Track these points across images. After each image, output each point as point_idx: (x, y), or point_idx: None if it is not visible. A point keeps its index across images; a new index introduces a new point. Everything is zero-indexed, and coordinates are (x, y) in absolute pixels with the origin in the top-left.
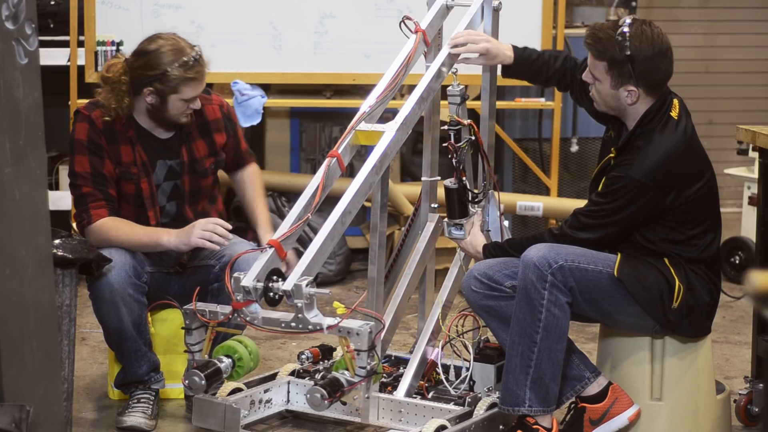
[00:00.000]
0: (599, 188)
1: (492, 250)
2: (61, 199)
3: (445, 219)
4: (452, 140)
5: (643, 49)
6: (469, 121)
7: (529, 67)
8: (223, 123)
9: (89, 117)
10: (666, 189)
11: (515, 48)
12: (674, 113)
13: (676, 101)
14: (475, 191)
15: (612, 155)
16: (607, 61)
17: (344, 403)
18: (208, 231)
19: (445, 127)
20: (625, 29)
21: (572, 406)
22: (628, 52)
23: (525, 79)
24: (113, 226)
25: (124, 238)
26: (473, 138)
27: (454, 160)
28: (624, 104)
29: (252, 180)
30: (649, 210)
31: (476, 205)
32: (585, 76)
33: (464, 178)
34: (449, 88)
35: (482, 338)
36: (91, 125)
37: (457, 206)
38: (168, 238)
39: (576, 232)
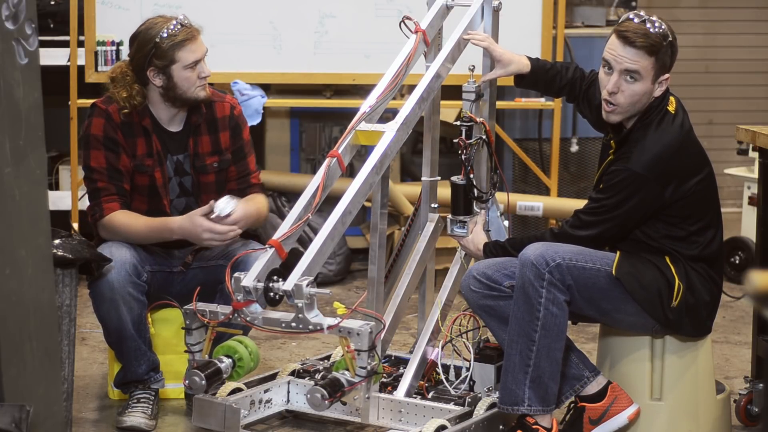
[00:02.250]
0: (600, 187)
1: (493, 249)
2: (61, 199)
3: (449, 216)
4: (463, 136)
5: (673, 33)
6: (481, 119)
7: (544, 76)
8: (228, 122)
9: (106, 111)
10: (664, 182)
11: (529, 58)
12: (671, 108)
13: (672, 98)
14: (482, 190)
15: (612, 150)
16: (656, 55)
17: (344, 403)
18: (215, 240)
19: (458, 123)
20: (648, 20)
21: (572, 405)
22: (671, 39)
23: (539, 88)
24: (124, 220)
25: (135, 230)
26: (484, 137)
27: (463, 157)
28: (650, 99)
29: (250, 199)
30: (649, 204)
31: (481, 204)
32: (612, 86)
33: (472, 176)
34: (465, 84)
35: (482, 338)
36: (108, 120)
37: (462, 203)
38: (173, 225)
39: (576, 230)
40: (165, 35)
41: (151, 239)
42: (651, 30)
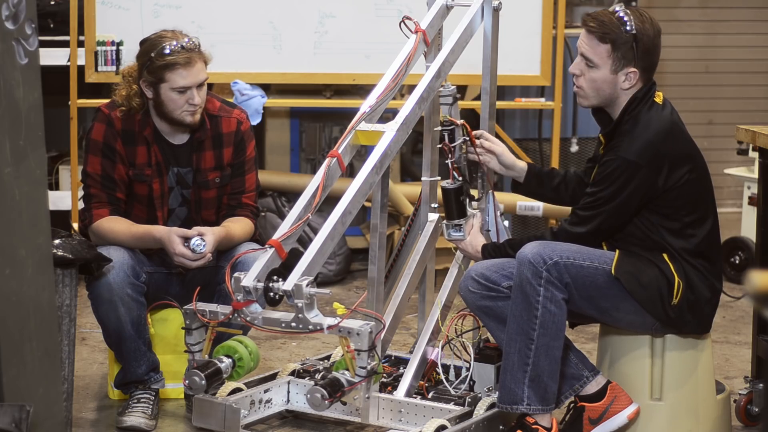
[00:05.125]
0: (594, 181)
1: (491, 251)
2: (61, 199)
3: (444, 221)
4: (446, 140)
5: (646, 29)
6: (461, 121)
7: (537, 178)
8: (233, 138)
9: (108, 117)
10: (657, 167)
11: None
12: (658, 99)
13: (660, 92)
14: (473, 192)
15: (602, 146)
16: (611, 43)
17: (344, 403)
18: (183, 264)
19: (439, 128)
20: (624, 12)
21: (571, 405)
22: (634, 32)
23: (534, 191)
24: (109, 227)
25: (121, 237)
26: (467, 138)
27: (449, 161)
28: (618, 91)
29: (235, 221)
30: (643, 192)
31: (475, 206)
32: (573, 67)
33: (460, 179)
34: (441, 89)
35: (482, 338)
36: (109, 126)
37: (454, 207)
38: (156, 234)
39: (575, 227)
40: (163, 52)
41: (137, 246)
42: (613, 19)
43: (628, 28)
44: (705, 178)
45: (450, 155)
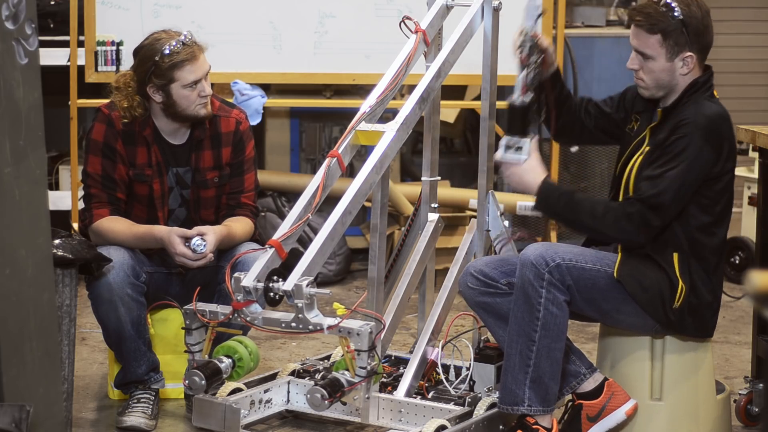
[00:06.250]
0: (656, 164)
1: (552, 190)
2: (61, 199)
3: (503, 138)
4: (526, 54)
5: (693, 12)
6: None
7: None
8: (232, 138)
9: (109, 117)
10: (717, 150)
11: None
12: (716, 94)
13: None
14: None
15: (653, 125)
16: (661, 32)
17: (344, 403)
18: (185, 264)
19: (520, 38)
20: None
21: (569, 403)
22: (681, 17)
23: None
24: (110, 226)
25: (121, 237)
26: (541, 57)
27: (521, 76)
28: (677, 77)
29: (235, 221)
30: (703, 174)
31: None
32: (630, 63)
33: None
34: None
35: (482, 338)
36: (110, 126)
37: (519, 123)
38: (157, 234)
39: (652, 217)
40: (166, 53)
41: (138, 246)
42: (659, 9)
43: (675, 14)
44: (732, 184)
45: (525, 69)
